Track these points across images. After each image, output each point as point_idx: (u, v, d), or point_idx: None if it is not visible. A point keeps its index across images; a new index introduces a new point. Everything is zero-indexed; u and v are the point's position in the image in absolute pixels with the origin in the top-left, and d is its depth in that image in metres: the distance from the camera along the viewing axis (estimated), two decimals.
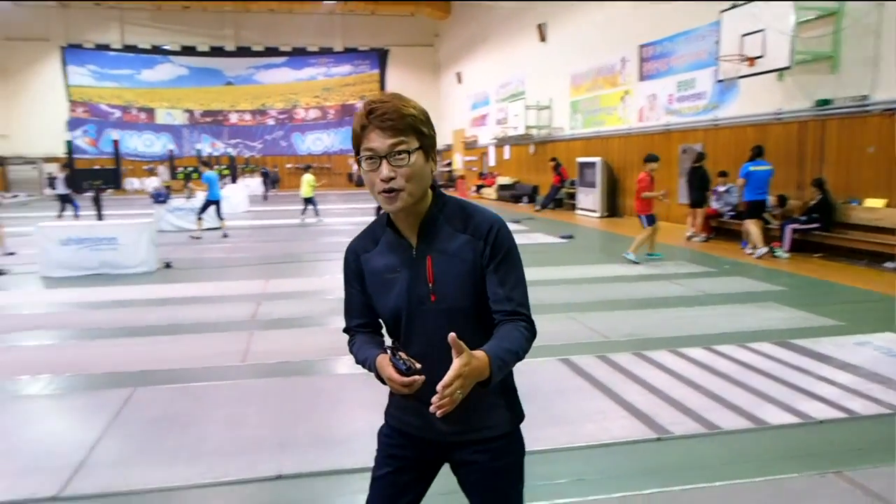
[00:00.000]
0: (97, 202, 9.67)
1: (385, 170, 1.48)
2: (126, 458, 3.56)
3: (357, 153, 1.53)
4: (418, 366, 1.50)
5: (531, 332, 1.59)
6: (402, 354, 1.52)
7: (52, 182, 30.76)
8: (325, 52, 34.45)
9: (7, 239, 11.38)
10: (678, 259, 10.07)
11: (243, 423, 4.01)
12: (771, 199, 10.70)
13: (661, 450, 3.58)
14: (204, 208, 13.46)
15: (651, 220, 9.57)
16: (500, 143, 24.94)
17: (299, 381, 4.81)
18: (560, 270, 9.13)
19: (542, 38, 21.04)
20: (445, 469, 1.78)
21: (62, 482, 3.28)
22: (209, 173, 13.66)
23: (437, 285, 1.57)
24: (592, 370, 4.85)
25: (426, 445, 1.71)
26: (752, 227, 10.25)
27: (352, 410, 4.19)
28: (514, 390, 1.75)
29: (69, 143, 11.31)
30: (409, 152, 1.48)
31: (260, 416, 4.13)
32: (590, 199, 17.32)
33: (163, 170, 26.56)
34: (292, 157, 33.00)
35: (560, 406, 4.18)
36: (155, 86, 33.26)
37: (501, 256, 1.57)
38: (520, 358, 1.55)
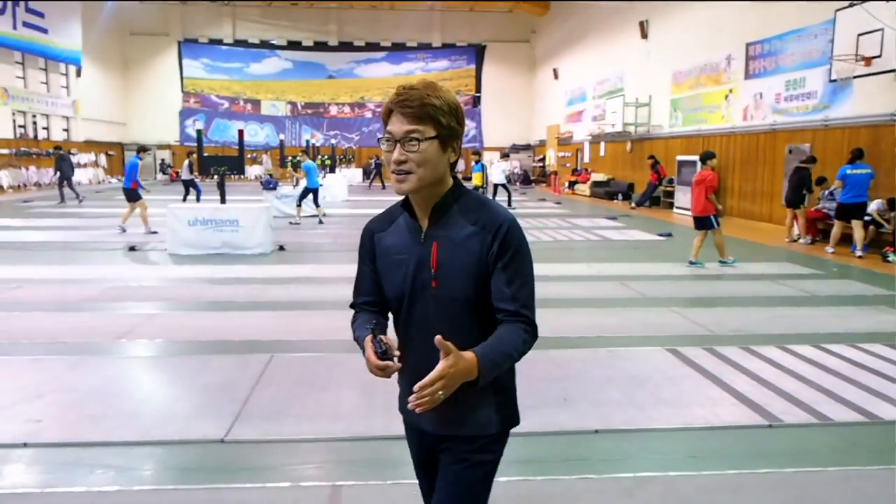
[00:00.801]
0: (222, 187, 10.44)
1: (397, 153, 1.55)
2: (276, 413, 4.01)
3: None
4: (396, 353, 1.56)
5: (531, 335, 1.60)
6: (384, 338, 1.56)
7: (163, 167, 33.00)
8: (424, 47, 35.16)
9: (150, 219, 12.44)
10: (781, 260, 9.88)
11: (376, 390, 4.36)
12: (882, 203, 10.30)
13: (772, 436, 3.70)
14: (303, 196, 14.22)
15: (715, 221, 8.94)
16: (596, 139, 24.76)
17: None
18: (659, 267, 9.15)
19: (644, 35, 20.76)
20: None
21: (225, 428, 3.74)
22: (308, 162, 14.43)
23: (440, 272, 1.59)
24: (700, 360, 4.97)
25: (421, 435, 1.77)
26: (856, 229, 9.97)
27: None
28: (510, 391, 1.74)
29: (199, 133, 12.18)
30: (421, 140, 1.54)
31: (390, 384, 4.50)
32: (688, 198, 16.97)
33: (266, 158, 27.93)
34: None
35: (670, 391, 4.35)
36: (261, 78, 35.00)
37: (510, 255, 1.57)
38: (515, 360, 1.59)
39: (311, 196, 14.25)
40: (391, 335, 1.67)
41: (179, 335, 5.76)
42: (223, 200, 10.55)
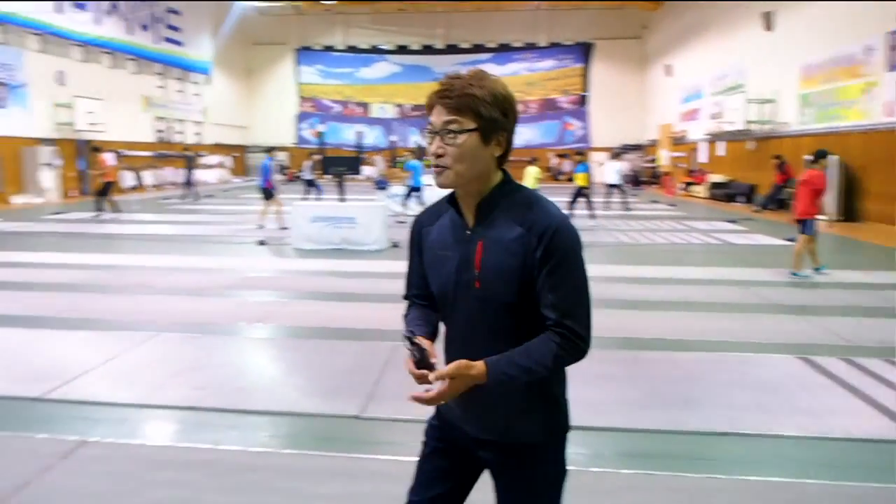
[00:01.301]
0: (341, 186, 10.92)
1: (435, 145, 1.51)
2: (405, 395, 4.19)
3: None
4: (434, 359, 1.51)
5: (569, 349, 1.49)
6: (422, 345, 1.52)
7: (281, 168, 34.81)
8: (530, 47, 35.03)
9: (282, 216, 13.21)
10: None
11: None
12: None
13: None
14: (408, 195, 14.59)
15: (811, 227, 8.26)
16: (714, 138, 23.73)
17: None
18: (785, 272, 8.69)
19: (768, 27, 19.68)
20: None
21: (360, 406, 4.01)
22: (413, 162, 14.78)
23: (483, 273, 1.52)
24: (837, 371, 4.72)
25: (458, 434, 1.69)
26: None
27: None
28: (556, 400, 1.65)
29: (322, 135, 12.84)
30: (459, 132, 1.47)
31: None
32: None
33: (379, 159, 28.83)
34: None
35: (804, 399, 4.17)
36: (371, 82, 36.15)
37: (556, 261, 1.47)
38: (539, 374, 1.49)
39: (416, 195, 14.60)
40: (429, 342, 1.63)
41: (309, 321, 6.15)
42: (342, 199, 11.03)
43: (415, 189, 14.57)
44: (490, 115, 1.49)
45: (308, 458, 3.40)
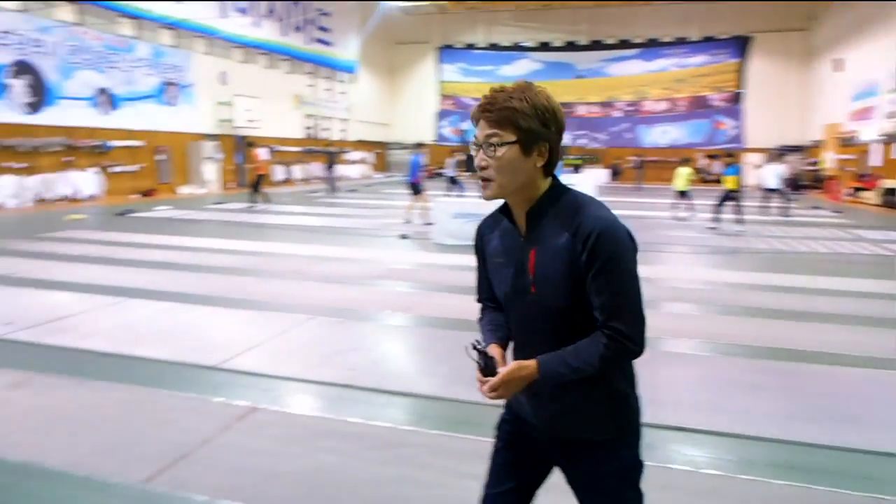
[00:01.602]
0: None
1: (478, 157, 1.57)
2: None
3: None
4: (499, 369, 1.59)
5: (615, 349, 1.52)
6: (488, 353, 1.61)
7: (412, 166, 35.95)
8: (680, 42, 33.48)
9: (428, 211, 13.63)
10: None
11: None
12: None
13: None
14: None
15: None
16: (890, 139, 21.56)
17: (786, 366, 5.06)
18: None
19: None
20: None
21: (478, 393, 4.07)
22: None
23: (537, 278, 1.58)
24: None
25: (527, 430, 1.73)
26: None
27: None
28: (624, 397, 1.66)
29: (464, 133, 13.06)
30: (499, 144, 1.53)
31: (650, 367, 4.48)
32: None
33: None
34: (635, 150, 32.79)
35: None
36: (512, 80, 35.54)
37: (600, 265, 1.50)
38: (587, 373, 1.53)
39: None
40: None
41: (451, 313, 6.29)
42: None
43: None
44: (530, 126, 1.53)
45: (455, 440, 3.51)
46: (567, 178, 12.95)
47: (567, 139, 33.30)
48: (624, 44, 34.15)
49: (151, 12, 19.99)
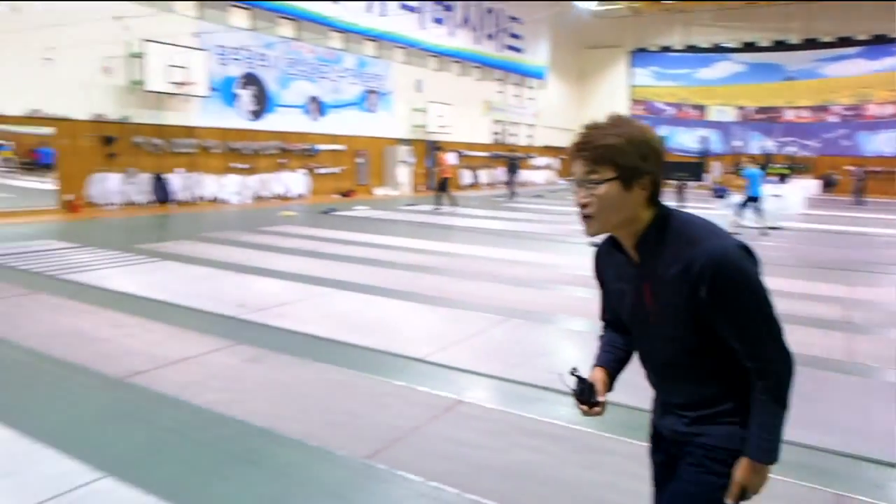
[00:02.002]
0: (681, 193, 10.57)
1: (579, 195, 1.53)
2: None
3: None
4: (598, 397, 1.65)
5: (774, 383, 1.48)
6: (587, 379, 1.64)
7: None
8: None
9: None
10: None
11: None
12: None
13: None
14: (744, 204, 13.36)
15: None
16: None
17: None
18: None
19: None
20: None
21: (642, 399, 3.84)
22: (751, 169, 13.47)
23: (655, 310, 1.55)
24: None
25: (661, 438, 1.74)
26: None
27: None
28: (737, 415, 1.58)
29: (664, 139, 12.59)
30: (598, 182, 1.49)
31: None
32: None
33: (717, 165, 27.19)
34: (854, 159, 29.33)
35: None
36: (710, 83, 34.11)
37: (726, 302, 1.44)
38: (782, 416, 1.50)
39: (753, 205, 13.36)
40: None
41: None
42: (682, 205, 10.67)
43: (752, 199, 13.39)
44: (627, 162, 1.49)
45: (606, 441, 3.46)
46: (773, 189, 12.14)
47: (772, 146, 30.98)
48: (844, 41, 30.75)
49: (358, 25, 21.57)
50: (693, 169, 11.50)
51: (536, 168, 31.94)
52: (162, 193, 16.29)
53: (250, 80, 18.73)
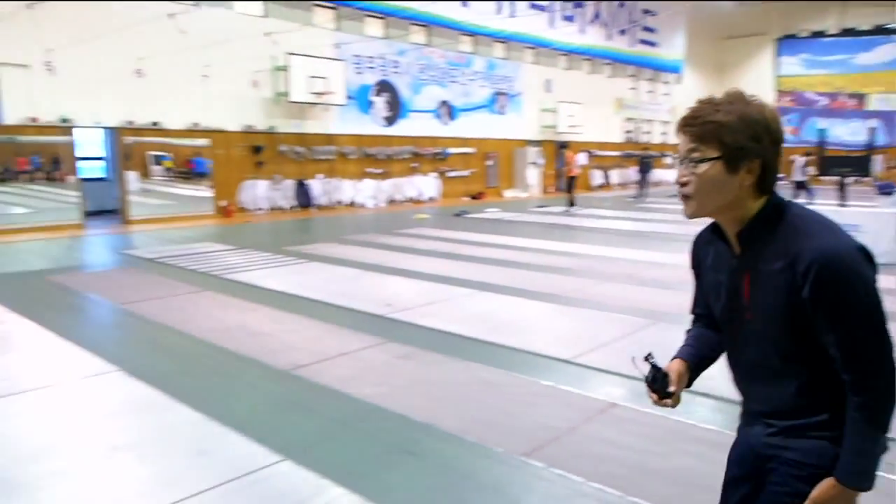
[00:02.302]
0: (843, 189, 9.76)
1: (679, 173, 1.45)
2: None
3: None
4: (670, 388, 1.58)
5: (875, 402, 1.32)
6: (662, 369, 1.57)
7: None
8: None
9: None
10: None
11: None
12: None
13: None
14: None
15: None
16: None
17: None
18: None
19: None
20: None
21: None
22: None
23: (753, 306, 1.45)
24: None
25: (747, 450, 1.58)
26: None
27: None
28: (831, 431, 1.41)
29: (822, 132, 11.71)
30: (699, 161, 1.40)
31: None
32: None
33: (878, 159, 24.79)
34: None
35: None
36: (871, 69, 31.14)
37: (828, 305, 1.31)
38: (880, 442, 1.35)
39: None
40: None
41: None
42: (843, 204, 9.85)
43: None
44: (736, 142, 1.38)
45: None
46: None
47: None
48: None
49: (487, 28, 21.75)
50: (859, 163, 10.50)
51: (672, 167, 30.66)
52: (304, 198, 17.28)
53: (384, 87, 19.42)
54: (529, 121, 24.04)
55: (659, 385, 1.58)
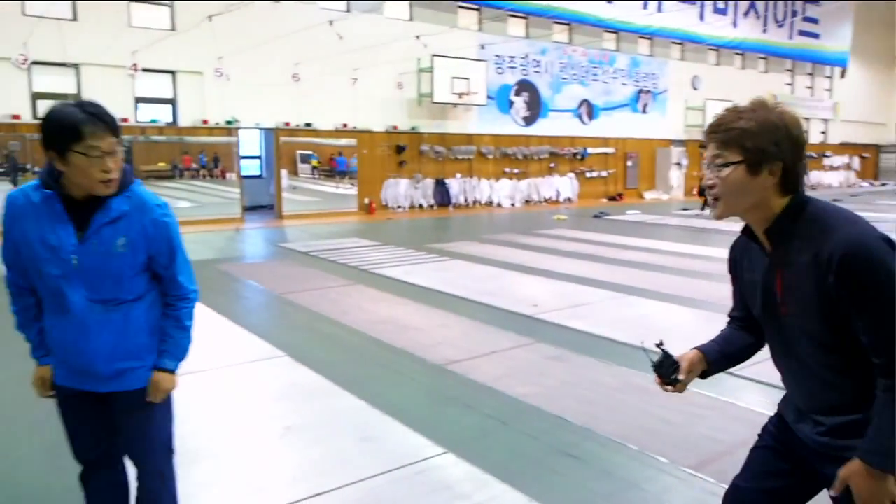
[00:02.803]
0: None
1: (706, 176, 1.55)
2: None
3: None
4: (680, 376, 1.70)
5: None
6: (672, 356, 1.69)
7: None
8: None
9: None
10: None
11: None
12: None
13: None
14: None
15: None
16: None
17: None
18: None
19: None
20: None
21: None
22: None
23: (786, 301, 1.51)
24: None
25: (796, 441, 1.62)
26: None
27: None
28: None
29: None
30: (723, 165, 1.50)
31: None
32: None
33: None
34: None
35: None
36: None
37: (854, 293, 1.36)
38: None
39: None
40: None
41: None
42: None
43: None
44: (756, 146, 1.46)
45: None
46: None
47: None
48: None
49: (632, 24, 21.06)
50: None
51: (831, 168, 28.25)
52: (443, 197, 17.64)
53: (524, 86, 19.39)
54: (674, 119, 23.06)
55: (664, 371, 1.69)
